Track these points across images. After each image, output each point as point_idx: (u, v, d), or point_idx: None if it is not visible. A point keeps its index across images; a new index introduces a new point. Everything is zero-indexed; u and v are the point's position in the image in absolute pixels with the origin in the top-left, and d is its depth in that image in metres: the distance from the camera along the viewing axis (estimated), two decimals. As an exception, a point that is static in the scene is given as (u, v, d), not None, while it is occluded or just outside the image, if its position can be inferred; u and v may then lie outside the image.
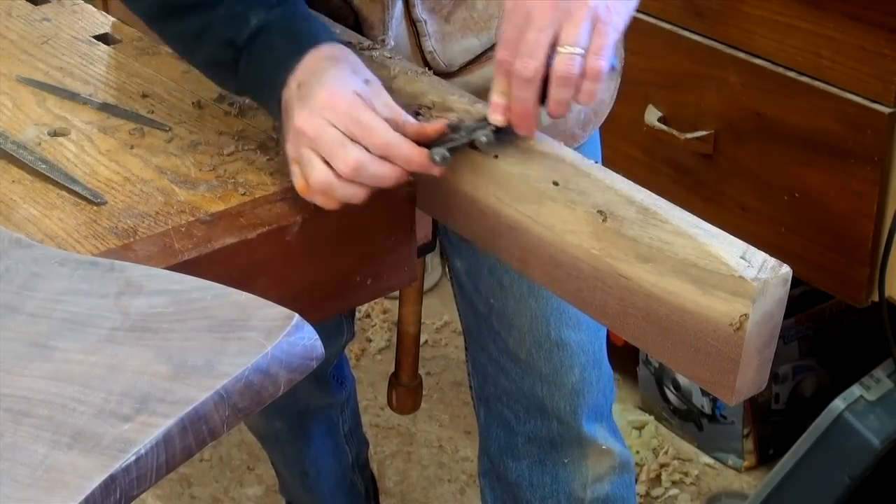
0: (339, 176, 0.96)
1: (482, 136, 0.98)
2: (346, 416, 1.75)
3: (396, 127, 0.97)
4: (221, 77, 1.08)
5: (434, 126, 0.99)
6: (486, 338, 1.34)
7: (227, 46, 1.03)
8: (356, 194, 0.97)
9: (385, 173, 0.96)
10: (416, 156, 0.97)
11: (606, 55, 0.93)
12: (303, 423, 1.68)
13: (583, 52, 0.92)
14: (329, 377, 1.66)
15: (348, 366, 1.74)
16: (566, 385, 1.31)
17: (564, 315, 1.29)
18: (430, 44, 1.19)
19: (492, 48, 1.22)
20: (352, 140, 0.95)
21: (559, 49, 0.92)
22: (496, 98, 0.97)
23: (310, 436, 1.70)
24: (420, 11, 1.18)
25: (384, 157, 0.96)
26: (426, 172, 0.98)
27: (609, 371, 1.37)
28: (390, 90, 1.03)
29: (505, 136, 0.98)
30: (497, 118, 0.97)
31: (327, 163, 0.96)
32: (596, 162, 0.98)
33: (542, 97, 0.95)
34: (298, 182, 0.99)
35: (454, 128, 1.00)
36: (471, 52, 1.21)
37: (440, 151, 0.97)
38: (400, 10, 1.17)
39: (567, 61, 0.92)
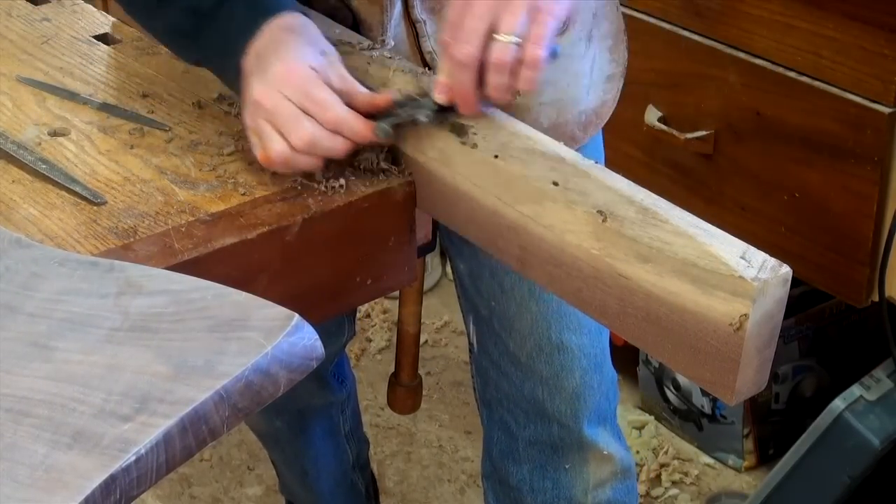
0: (294, 148, 1.00)
1: (422, 116, 1.02)
2: (347, 415, 1.75)
3: (348, 98, 1.02)
4: (181, 46, 1.11)
5: (383, 97, 1.03)
6: (488, 340, 1.34)
7: (189, 14, 1.05)
8: (312, 164, 1.02)
9: (336, 146, 1.01)
10: (363, 130, 1.01)
11: (544, 43, 0.96)
12: (303, 422, 1.67)
13: (518, 40, 0.95)
14: (329, 376, 1.66)
15: (349, 365, 1.74)
16: (567, 388, 1.31)
17: (565, 318, 1.28)
18: (429, 44, 1.19)
19: None
20: (305, 114, 1.00)
21: (495, 36, 0.96)
22: (440, 77, 1.01)
23: (310, 435, 1.70)
24: (419, 12, 1.18)
25: (335, 131, 1.00)
26: (372, 143, 1.03)
27: (612, 374, 1.36)
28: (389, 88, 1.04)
29: (449, 114, 1.02)
30: (440, 97, 1.01)
31: (283, 136, 1.01)
32: (597, 162, 0.98)
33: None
34: (258, 152, 1.03)
35: (401, 102, 1.04)
36: None
37: (384, 127, 1.01)
38: (399, 11, 1.17)
39: (501, 49, 0.95)
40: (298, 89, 1.00)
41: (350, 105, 1.02)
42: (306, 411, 1.66)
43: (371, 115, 1.02)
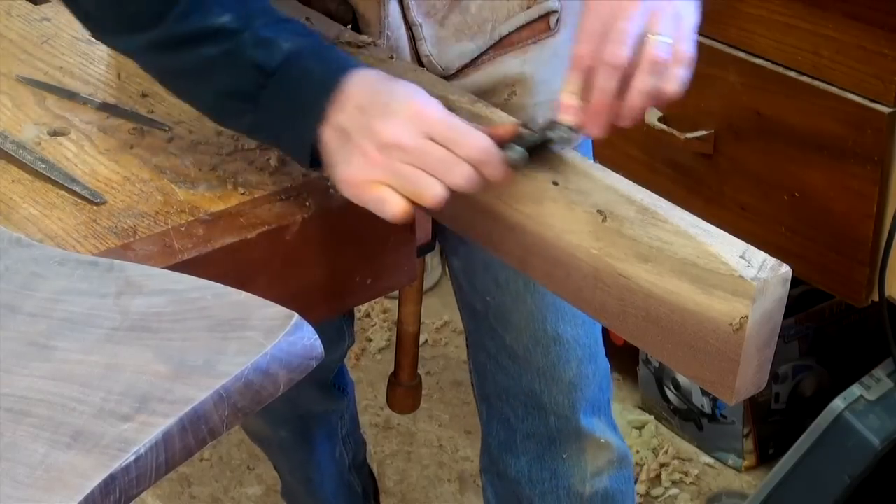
0: (452, 189, 0.92)
1: (559, 133, 0.95)
2: (346, 420, 1.76)
3: None
4: (234, 109, 0.99)
5: (505, 128, 0.97)
6: (485, 335, 1.35)
7: (252, 72, 0.95)
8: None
9: (477, 180, 0.94)
10: (498, 159, 0.94)
11: (692, 43, 0.96)
12: (307, 431, 1.68)
13: (671, 41, 0.94)
14: (331, 385, 1.66)
15: (347, 372, 1.75)
16: (563, 380, 1.32)
17: (560, 310, 1.29)
18: (426, 48, 1.19)
19: (486, 52, 1.22)
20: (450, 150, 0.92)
21: (649, 37, 0.94)
22: (568, 99, 0.95)
23: (313, 443, 1.70)
24: (416, 15, 1.18)
25: (481, 162, 0.93)
26: (494, 178, 0.94)
27: (605, 365, 1.37)
28: None
29: (574, 137, 0.97)
30: (569, 118, 0.95)
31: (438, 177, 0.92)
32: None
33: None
34: (397, 204, 0.93)
35: (523, 128, 0.97)
36: (466, 56, 1.21)
37: (518, 150, 0.94)
38: (398, 13, 1.17)
39: (658, 46, 0.94)
40: (440, 122, 0.92)
41: None
42: (310, 420, 1.67)
43: None
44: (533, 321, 1.30)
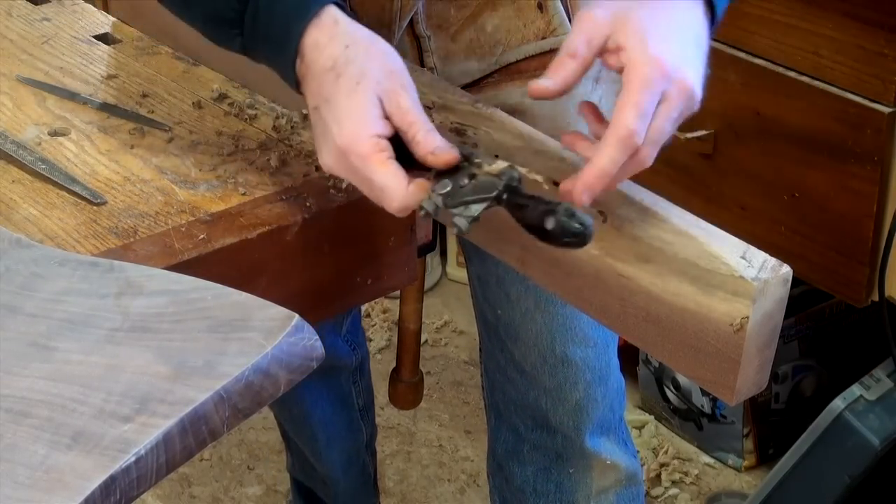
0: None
1: (463, 220, 0.88)
2: (361, 388, 1.73)
3: (407, 138, 0.91)
4: (224, 34, 0.97)
5: (443, 158, 0.90)
6: (494, 346, 1.34)
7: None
8: None
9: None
10: (411, 209, 0.92)
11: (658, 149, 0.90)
12: (307, 379, 1.65)
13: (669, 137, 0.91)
14: (341, 339, 1.65)
15: (363, 335, 1.73)
16: (570, 401, 1.30)
17: (571, 331, 1.28)
18: (431, 60, 1.18)
19: (491, 75, 1.21)
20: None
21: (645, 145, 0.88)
22: (589, 176, 0.88)
23: (315, 395, 1.67)
24: (424, 28, 1.17)
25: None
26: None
27: (618, 383, 1.35)
28: None
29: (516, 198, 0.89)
30: (584, 199, 0.88)
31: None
32: None
33: None
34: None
35: (460, 165, 0.90)
36: (469, 76, 1.20)
37: (426, 210, 0.90)
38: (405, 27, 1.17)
39: (648, 157, 0.89)
40: (358, 172, 0.90)
41: (408, 143, 0.91)
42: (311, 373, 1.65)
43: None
44: (541, 340, 1.28)
